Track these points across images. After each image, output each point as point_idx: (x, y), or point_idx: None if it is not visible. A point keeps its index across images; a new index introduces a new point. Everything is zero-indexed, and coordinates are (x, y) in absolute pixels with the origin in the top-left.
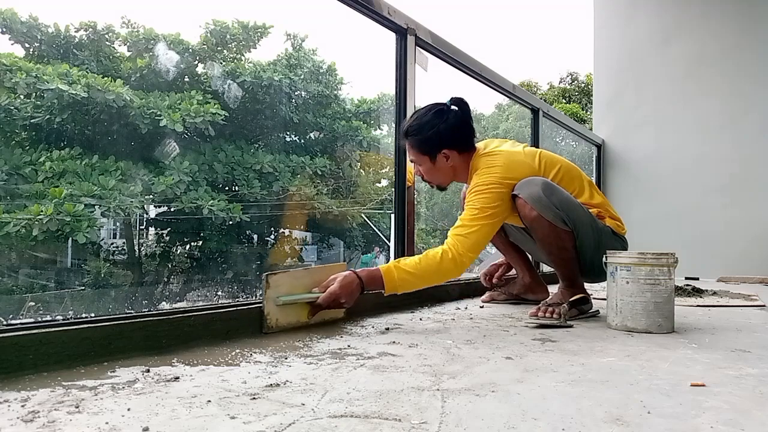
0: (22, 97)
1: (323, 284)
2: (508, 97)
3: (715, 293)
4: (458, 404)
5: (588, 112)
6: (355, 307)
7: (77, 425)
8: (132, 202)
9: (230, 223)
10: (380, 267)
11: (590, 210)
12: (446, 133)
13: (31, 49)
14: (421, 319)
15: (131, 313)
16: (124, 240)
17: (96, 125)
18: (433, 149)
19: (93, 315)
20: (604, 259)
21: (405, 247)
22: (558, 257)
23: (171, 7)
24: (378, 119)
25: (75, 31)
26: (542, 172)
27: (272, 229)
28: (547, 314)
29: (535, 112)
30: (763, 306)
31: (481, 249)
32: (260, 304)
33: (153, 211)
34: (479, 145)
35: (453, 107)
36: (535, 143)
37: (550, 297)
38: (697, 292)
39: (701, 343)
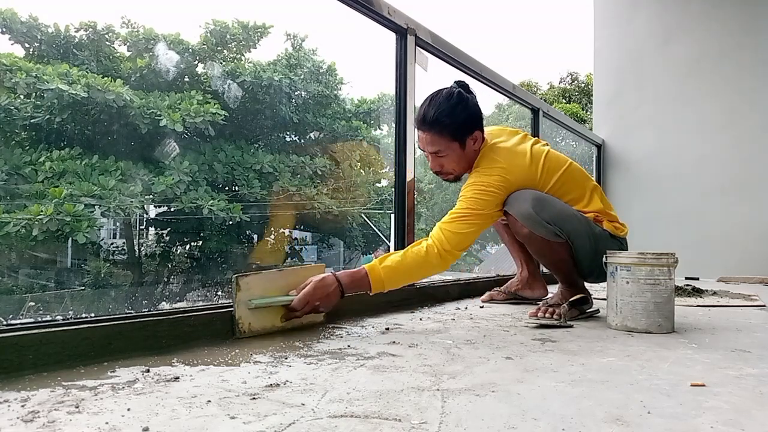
0: (22, 97)
1: (299, 287)
2: (508, 97)
3: (715, 293)
4: (458, 404)
5: (588, 112)
6: (356, 307)
7: (77, 425)
8: (132, 202)
9: (230, 223)
10: (365, 266)
11: (587, 215)
12: (476, 114)
13: (31, 49)
14: (421, 319)
15: (131, 313)
16: (124, 240)
17: (96, 125)
18: (465, 133)
19: (93, 315)
20: (604, 259)
21: (405, 247)
22: (554, 266)
23: (171, 7)
24: (378, 119)
25: (75, 31)
26: (541, 180)
27: (272, 229)
28: (547, 314)
29: (535, 112)
30: (763, 306)
31: (466, 247)
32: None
33: (153, 211)
34: (487, 131)
35: (460, 89)
36: None
37: (550, 297)
38: (697, 292)
39: (701, 343)
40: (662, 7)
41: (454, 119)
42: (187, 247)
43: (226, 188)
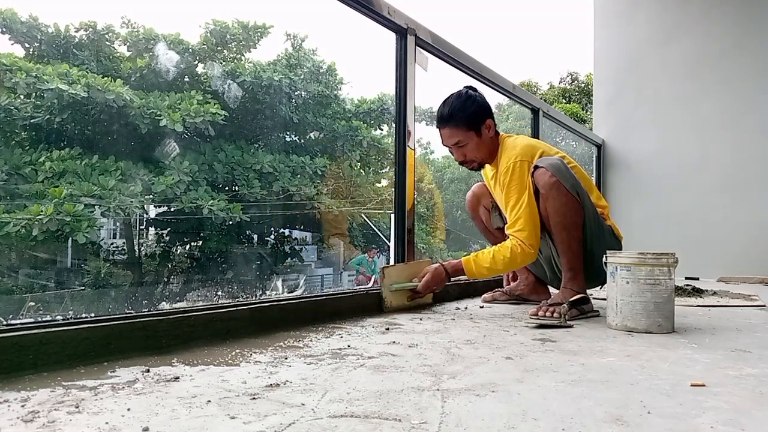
0: (22, 97)
1: (420, 275)
2: (508, 97)
3: (715, 293)
4: (458, 404)
5: (588, 112)
6: (356, 307)
7: (77, 425)
8: (132, 202)
9: (230, 223)
10: (462, 260)
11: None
12: (484, 105)
13: (31, 49)
14: (421, 320)
15: (131, 313)
16: (124, 240)
17: (96, 125)
18: (478, 122)
19: (93, 315)
20: (604, 258)
21: (405, 247)
22: (568, 236)
23: (171, 7)
24: (378, 119)
25: (75, 31)
26: None
27: (272, 229)
28: (548, 314)
29: (535, 112)
30: (763, 306)
31: (539, 226)
32: (258, 304)
33: (153, 211)
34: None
35: (467, 89)
36: None
37: (551, 297)
38: (697, 292)
39: (701, 343)
40: (662, 7)
41: (465, 111)
42: (187, 247)
43: (226, 188)
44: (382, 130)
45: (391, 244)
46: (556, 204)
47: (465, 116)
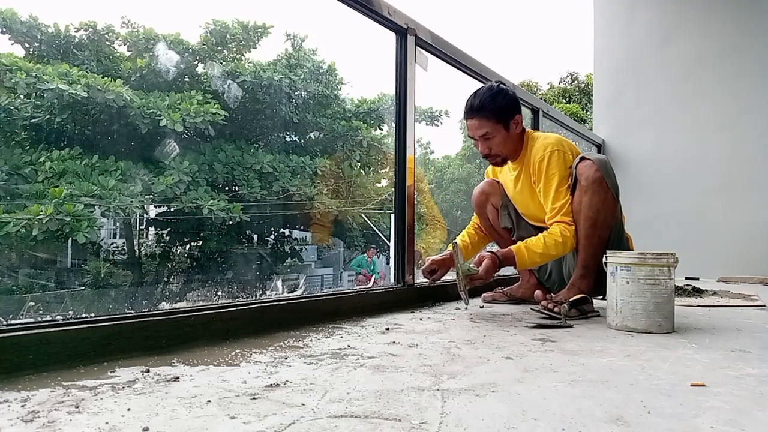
0: (22, 97)
1: (475, 261)
2: None
3: (715, 293)
4: (458, 404)
5: (588, 112)
6: (356, 307)
7: (77, 425)
8: (132, 202)
9: (230, 223)
10: (512, 248)
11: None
12: (515, 100)
13: (31, 49)
14: (421, 319)
15: (131, 313)
16: (124, 240)
17: (96, 125)
18: (507, 116)
19: (93, 315)
20: (604, 258)
21: (405, 247)
22: (594, 233)
23: (171, 7)
24: (378, 119)
25: (75, 31)
26: None
27: (272, 229)
28: (550, 305)
29: (535, 112)
30: (763, 306)
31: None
32: (258, 304)
33: (153, 211)
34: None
35: (499, 82)
36: None
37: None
38: (697, 292)
39: (701, 343)
40: (662, 8)
41: (496, 103)
42: (187, 247)
43: (226, 188)
44: (382, 130)
45: (391, 244)
46: (594, 199)
47: (495, 108)
